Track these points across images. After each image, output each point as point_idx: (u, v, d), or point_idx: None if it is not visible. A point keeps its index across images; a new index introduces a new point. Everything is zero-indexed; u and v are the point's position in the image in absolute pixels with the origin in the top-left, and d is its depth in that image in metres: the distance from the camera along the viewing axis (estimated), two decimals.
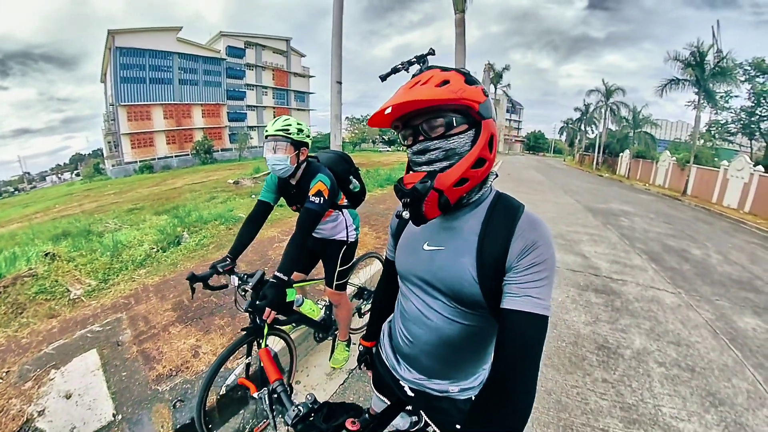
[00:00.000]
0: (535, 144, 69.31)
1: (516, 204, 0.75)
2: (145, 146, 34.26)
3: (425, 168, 0.72)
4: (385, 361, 0.96)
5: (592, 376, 2.41)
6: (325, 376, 2.35)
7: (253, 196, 9.75)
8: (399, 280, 0.90)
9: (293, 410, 0.72)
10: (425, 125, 0.70)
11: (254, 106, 43.59)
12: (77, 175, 53.61)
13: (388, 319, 1.03)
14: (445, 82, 0.69)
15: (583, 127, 37.95)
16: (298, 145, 1.72)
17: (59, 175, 68.22)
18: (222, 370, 1.65)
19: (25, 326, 2.83)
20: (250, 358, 1.71)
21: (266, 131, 1.69)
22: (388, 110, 0.68)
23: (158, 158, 34.33)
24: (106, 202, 13.82)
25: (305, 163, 1.81)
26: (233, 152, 39.01)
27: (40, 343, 2.56)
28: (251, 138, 41.42)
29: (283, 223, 5.93)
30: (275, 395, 0.82)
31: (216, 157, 36.66)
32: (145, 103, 33.68)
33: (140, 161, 32.94)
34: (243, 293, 1.67)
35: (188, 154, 35.72)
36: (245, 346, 1.70)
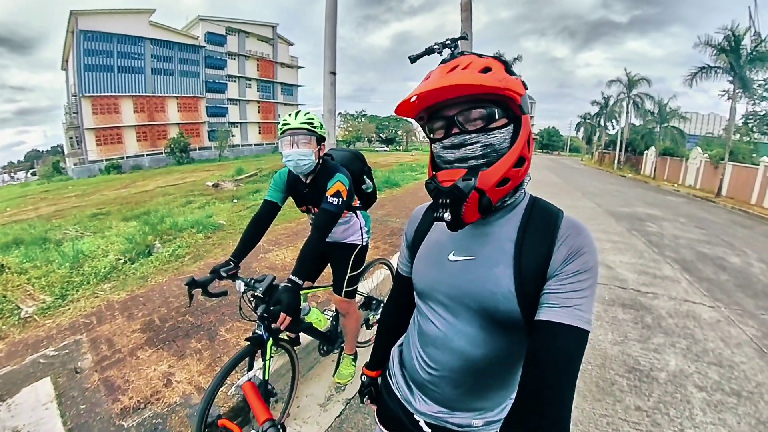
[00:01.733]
0: (548, 142, 70.04)
1: (554, 208, 0.76)
2: (113, 143, 34.15)
3: (459, 165, 0.71)
4: (395, 391, 0.94)
5: (624, 403, 2.37)
6: (318, 407, 2.29)
7: (235, 200, 9.72)
8: (417, 297, 0.88)
9: None
10: (461, 116, 0.69)
11: (236, 100, 43.73)
12: (33, 174, 53.25)
13: (398, 343, 1.01)
14: (488, 69, 0.68)
15: (602, 123, 38.26)
16: (320, 140, 1.78)
17: (12, 174, 67.56)
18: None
19: None
20: (251, 372, 1.71)
21: (285, 125, 1.73)
22: (413, 98, 0.68)
23: (127, 157, 34.22)
24: (67, 205, 13.70)
25: (320, 161, 1.86)
26: (213, 151, 38.99)
27: None
28: (233, 135, 41.47)
29: (269, 231, 5.85)
30: None
31: (193, 157, 36.62)
32: (113, 94, 33.64)
33: (107, 160, 32.77)
34: (251, 300, 1.69)
35: (162, 153, 35.61)
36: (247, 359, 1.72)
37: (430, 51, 0.82)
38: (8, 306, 3.37)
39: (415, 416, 0.88)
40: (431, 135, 0.75)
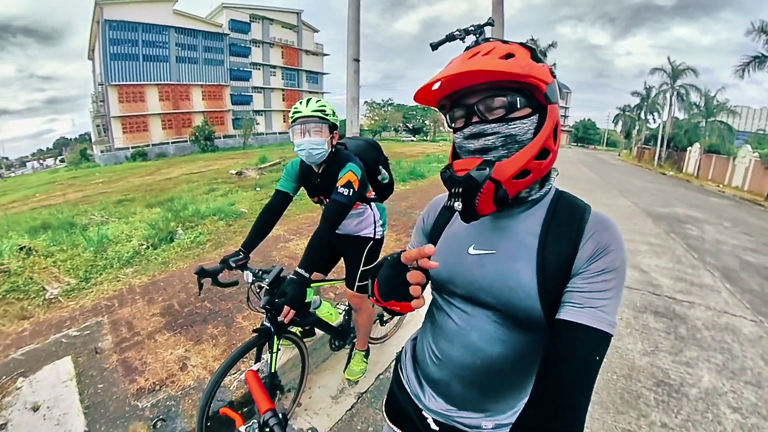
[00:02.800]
0: (584, 135, 67.95)
1: (582, 203, 0.75)
2: (138, 131, 35.54)
3: (478, 156, 0.70)
4: (405, 385, 0.93)
5: (649, 419, 2.29)
6: (330, 399, 2.33)
7: (258, 188, 9.93)
8: (433, 290, 0.88)
9: None
10: (482, 105, 0.68)
11: (261, 88, 44.49)
12: (62, 161, 56.32)
13: (412, 336, 1.01)
14: (510, 55, 0.66)
15: (643, 116, 36.60)
16: (332, 128, 1.77)
17: (41, 161, 71.93)
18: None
19: None
20: (259, 363, 1.75)
21: (296, 113, 1.72)
22: (436, 86, 0.66)
23: (153, 144, 35.57)
24: (93, 191, 14.41)
25: (333, 150, 1.85)
26: (237, 139, 39.97)
27: (8, 348, 2.67)
28: (257, 124, 42.26)
29: (290, 220, 6.00)
30: (267, 429, 0.79)
31: (217, 145, 37.61)
32: (139, 83, 34.92)
33: (132, 147, 34.18)
34: (258, 290, 1.72)
35: (186, 141, 36.81)
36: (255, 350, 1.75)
37: (450, 38, 0.80)
38: (34, 287, 3.58)
39: (423, 412, 0.87)
40: (452, 124, 0.75)
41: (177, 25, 36.54)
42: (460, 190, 0.68)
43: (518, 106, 0.67)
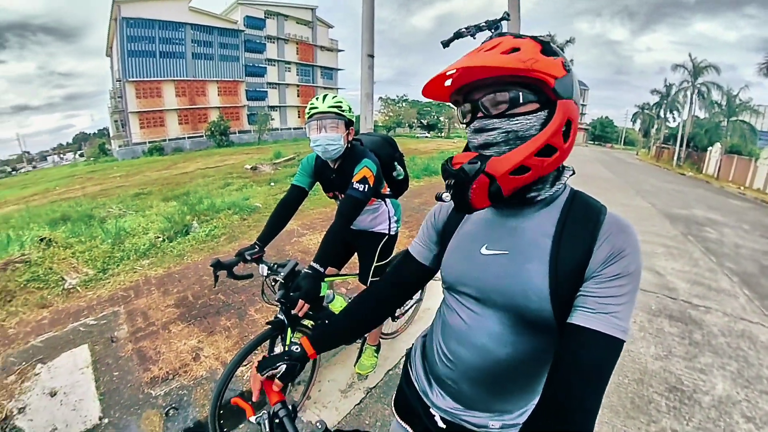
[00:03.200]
0: (601, 133, 66.66)
1: (597, 204, 0.73)
2: (155, 126, 36.24)
3: (482, 152, 0.70)
4: (414, 382, 0.94)
5: (659, 425, 2.24)
6: (339, 393, 2.35)
7: (272, 183, 10.03)
8: (444, 289, 0.88)
9: None
10: (486, 100, 0.67)
11: (276, 84, 44.85)
12: (81, 155, 57.96)
13: (423, 333, 1.01)
14: (515, 49, 0.65)
15: (662, 114, 35.70)
16: (348, 124, 1.78)
17: (61, 155, 74.19)
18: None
19: (13, 315, 3.06)
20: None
21: (312, 109, 1.74)
22: (448, 82, 0.67)
23: (169, 139, 36.25)
24: (111, 185, 14.76)
25: (348, 146, 1.86)
26: (252, 135, 40.46)
27: (28, 335, 2.77)
28: (272, 119, 42.68)
29: (304, 215, 6.05)
30: (277, 420, 0.80)
31: (233, 140, 38.11)
32: (155, 79, 35.57)
33: (149, 142, 34.89)
34: (272, 284, 1.75)
35: (202, 136, 37.37)
36: (268, 342, 1.79)
37: (458, 35, 0.79)
38: (54, 277, 3.70)
39: (431, 410, 0.88)
40: (463, 119, 0.74)
41: (193, 21, 37.05)
42: (452, 182, 0.69)
43: (521, 101, 0.65)
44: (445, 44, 0.78)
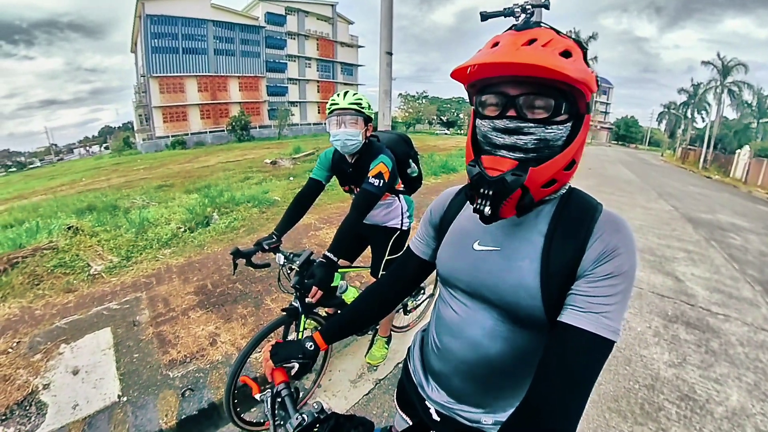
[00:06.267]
0: (625, 132, 64.70)
1: (593, 201, 0.72)
2: (178, 120, 37.03)
3: (506, 154, 0.65)
4: (412, 375, 0.95)
5: None
6: (349, 383, 2.41)
7: (291, 178, 10.16)
8: (440, 283, 0.89)
9: (296, 418, 0.74)
10: (523, 100, 0.63)
11: (296, 80, 45.13)
12: (106, 148, 59.82)
13: (422, 328, 1.02)
14: (568, 53, 0.61)
15: (689, 114, 34.43)
16: (367, 120, 1.83)
17: (87, 148, 76.78)
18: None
19: (40, 298, 3.23)
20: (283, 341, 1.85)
21: (333, 105, 1.79)
22: (489, 65, 0.61)
23: (191, 133, 36.99)
24: (135, 177, 15.19)
25: (366, 142, 1.91)
26: (272, 129, 40.88)
27: (54, 317, 2.91)
28: (292, 114, 42.97)
29: (321, 209, 6.13)
30: (279, 399, 0.84)
31: (253, 135, 38.66)
32: (178, 74, 36.28)
33: (172, 136, 35.71)
34: (288, 272, 1.81)
35: (223, 131, 37.97)
36: (282, 328, 1.85)
37: (509, 12, 0.72)
38: (80, 264, 3.87)
39: (427, 403, 0.88)
40: (480, 109, 0.68)
41: (215, 18, 37.57)
42: (490, 192, 0.64)
43: (561, 111, 0.62)
44: (485, 17, 0.72)
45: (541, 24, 0.66)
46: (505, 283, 0.70)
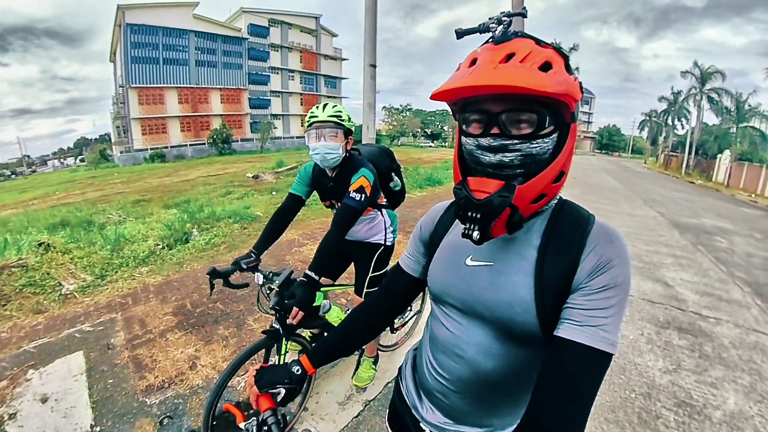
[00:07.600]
0: (608, 141, 66.72)
1: (585, 213, 0.72)
2: (157, 133, 36.61)
3: (492, 172, 0.65)
4: (405, 396, 0.93)
5: None
6: (337, 405, 2.34)
7: (274, 192, 10.09)
8: (432, 301, 0.88)
9: None
10: (506, 117, 0.62)
11: (279, 92, 45.33)
12: (82, 160, 58.58)
13: (414, 346, 1.01)
14: (548, 65, 0.60)
15: (670, 121, 35.74)
16: (347, 133, 1.81)
17: (62, 160, 75.28)
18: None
19: (7, 319, 3.09)
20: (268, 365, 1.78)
21: (312, 118, 1.77)
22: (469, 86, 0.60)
23: (171, 146, 36.56)
24: (112, 191, 14.89)
25: (346, 155, 1.88)
26: (254, 143, 40.75)
27: (21, 340, 2.78)
28: (275, 128, 42.87)
29: (304, 224, 6.08)
30: (265, 427, 0.81)
31: (235, 148, 38.50)
32: (158, 85, 36.03)
33: (151, 149, 35.20)
34: (268, 292, 1.76)
35: (204, 144, 37.71)
36: (263, 351, 1.78)
37: (484, 29, 0.71)
38: (51, 282, 3.73)
39: (421, 424, 0.86)
40: (464, 126, 0.68)
41: (196, 29, 37.61)
42: (478, 216, 0.63)
43: (546, 124, 0.62)
44: (461, 34, 0.72)
45: (519, 33, 0.66)
46: (499, 298, 0.69)
